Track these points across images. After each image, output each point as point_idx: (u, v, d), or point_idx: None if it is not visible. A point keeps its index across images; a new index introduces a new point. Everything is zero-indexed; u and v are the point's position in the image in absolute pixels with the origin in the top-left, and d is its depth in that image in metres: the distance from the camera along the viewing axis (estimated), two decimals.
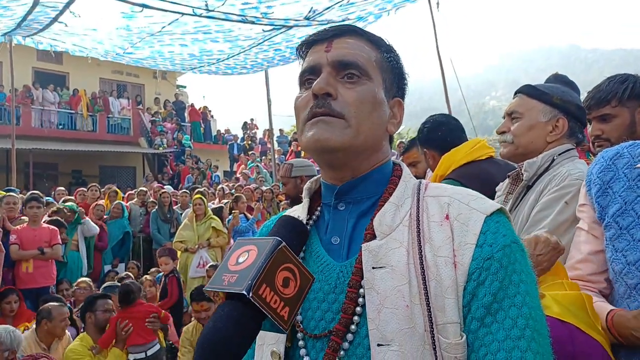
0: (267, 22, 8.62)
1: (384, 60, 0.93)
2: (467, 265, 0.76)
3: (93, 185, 8.65)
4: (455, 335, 0.74)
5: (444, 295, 0.75)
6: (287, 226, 0.79)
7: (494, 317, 0.74)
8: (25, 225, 5.63)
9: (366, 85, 0.88)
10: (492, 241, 0.77)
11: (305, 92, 0.91)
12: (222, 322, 0.65)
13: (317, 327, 0.83)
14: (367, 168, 0.91)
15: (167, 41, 9.29)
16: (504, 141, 1.90)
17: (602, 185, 1.30)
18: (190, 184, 13.90)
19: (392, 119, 0.94)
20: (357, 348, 0.79)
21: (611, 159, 1.32)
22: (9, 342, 3.42)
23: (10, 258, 5.24)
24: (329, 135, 0.84)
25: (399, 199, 0.87)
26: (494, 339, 0.73)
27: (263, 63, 11.16)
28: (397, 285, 0.78)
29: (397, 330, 0.75)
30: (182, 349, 4.34)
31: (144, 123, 20.68)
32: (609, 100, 1.86)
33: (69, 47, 9.92)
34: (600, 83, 1.93)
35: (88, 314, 4.05)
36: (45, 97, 18.99)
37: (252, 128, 21.50)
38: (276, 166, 13.39)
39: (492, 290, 0.75)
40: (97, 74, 20.82)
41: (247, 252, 0.70)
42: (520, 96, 1.90)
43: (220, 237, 6.98)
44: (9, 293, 4.84)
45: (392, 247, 0.81)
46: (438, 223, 0.81)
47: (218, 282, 0.69)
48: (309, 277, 0.72)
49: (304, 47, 0.95)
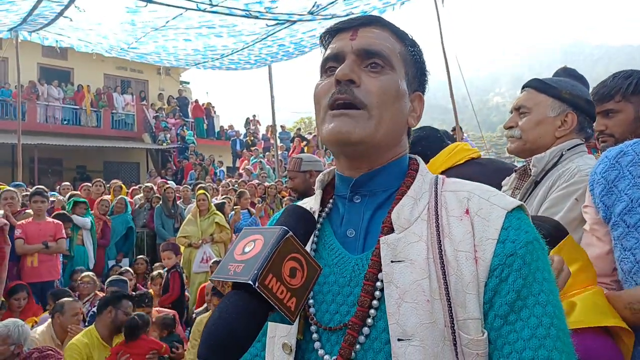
0: (271, 17, 8.60)
1: (408, 53, 0.93)
2: (488, 261, 0.75)
3: (98, 181, 8.67)
4: (477, 331, 0.73)
5: (465, 291, 0.74)
6: (294, 215, 0.77)
7: (518, 315, 0.73)
8: (30, 220, 5.65)
9: (389, 75, 0.87)
10: (515, 237, 0.76)
11: (327, 79, 0.90)
12: (228, 312, 0.64)
13: (332, 320, 0.83)
14: (385, 160, 0.90)
15: (172, 36, 9.29)
16: (512, 136, 1.86)
17: (607, 184, 1.28)
18: (193, 180, 13.92)
19: (412, 113, 0.94)
20: (374, 342, 0.78)
21: (615, 158, 1.30)
22: (15, 337, 3.43)
23: (15, 252, 5.25)
24: (350, 128, 0.83)
25: (417, 193, 0.86)
26: (518, 337, 0.72)
27: (267, 58, 11.15)
28: (417, 279, 0.77)
29: (417, 325, 0.75)
30: (192, 341, 4.25)
31: (147, 119, 20.71)
32: (612, 95, 1.85)
33: (74, 43, 9.94)
34: (606, 79, 1.92)
35: (109, 308, 3.88)
36: (50, 93, 19.05)
37: (255, 124, 21.50)
38: (279, 162, 13.39)
39: (516, 287, 0.74)
40: (102, 69, 20.85)
41: (253, 242, 0.69)
42: (528, 90, 1.86)
43: (224, 232, 6.99)
44: (19, 289, 4.86)
45: (410, 241, 0.80)
46: (458, 218, 0.80)
47: (224, 272, 0.68)
48: (316, 268, 0.71)
49: (328, 36, 0.95)
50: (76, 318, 4.10)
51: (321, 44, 0.97)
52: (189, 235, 6.77)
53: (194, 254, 6.65)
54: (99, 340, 3.81)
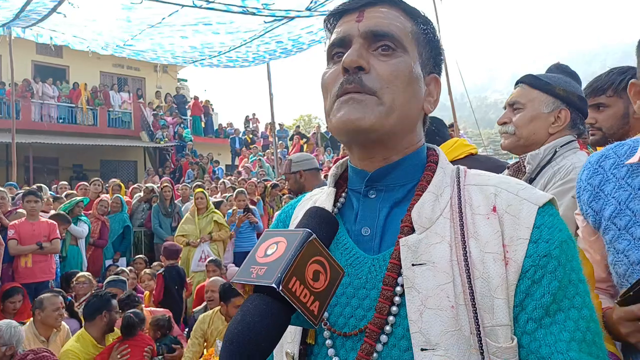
0: (269, 14, 8.54)
1: (421, 32, 0.85)
2: (520, 262, 0.70)
3: (96, 180, 8.56)
4: (506, 338, 0.68)
5: (493, 295, 0.69)
6: (316, 217, 0.74)
7: (553, 319, 0.69)
8: (24, 220, 5.59)
9: (401, 57, 0.80)
10: (549, 237, 0.71)
11: (334, 66, 0.83)
12: (251, 315, 0.62)
13: (347, 325, 0.77)
14: (400, 151, 0.84)
15: (168, 33, 9.23)
16: (506, 132, 1.87)
17: (593, 190, 1.27)
18: (191, 178, 13.85)
19: (428, 97, 0.87)
20: (392, 350, 0.73)
21: (597, 163, 1.28)
22: (7, 338, 3.38)
23: (9, 253, 5.21)
24: (359, 114, 0.77)
25: (438, 188, 0.80)
26: (557, 340, 0.68)
27: (265, 56, 11.08)
28: (440, 283, 0.71)
29: (442, 333, 0.69)
30: (193, 340, 4.18)
31: (145, 117, 20.64)
32: (605, 89, 1.90)
33: (69, 40, 9.86)
34: (601, 73, 1.98)
35: (104, 313, 3.87)
36: (45, 91, 18.94)
37: (254, 122, 21.46)
38: (278, 160, 13.34)
39: (552, 290, 0.69)
40: (98, 67, 20.75)
41: (275, 244, 0.67)
42: (522, 86, 1.87)
43: (223, 230, 6.95)
44: (15, 292, 4.82)
45: (432, 242, 0.75)
46: (484, 216, 0.75)
47: (246, 274, 0.66)
48: (339, 271, 0.68)
49: (332, 19, 0.87)
50: (57, 313, 4.03)
51: (326, 28, 0.90)
52: (187, 234, 6.74)
53: (192, 253, 6.61)
54: (93, 343, 3.81)
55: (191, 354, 4.11)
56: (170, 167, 16.85)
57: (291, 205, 1.00)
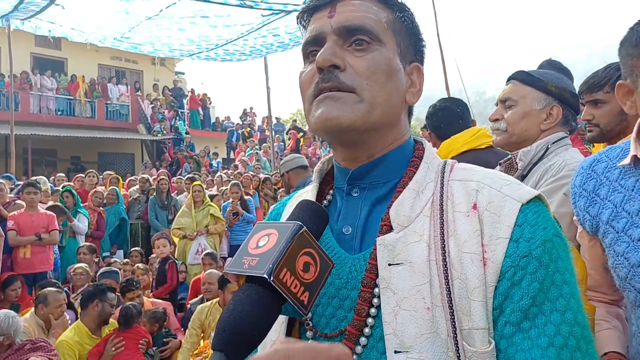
0: (266, 7, 8.54)
1: (397, 20, 0.82)
2: (499, 263, 0.67)
3: (90, 172, 8.58)
4: (483, 342, 0.66)
5: (470, 298, 0.67)
6: (307, 210, 0.74)
7: (533, 322, 0.66)
8: (23, 211, 5.63)
9: (378, 51, 0.77)
10: (530, 235, 0.68)
11: (310, 65, 0.80)
12: (243, 305, 0.63)
13: (328, 326, 0.77)
14: (385, 147, 0.81)
15: (166, 25, 9.22)
16: (497, 129, 1.86)
17: (588, 195, 1.26)
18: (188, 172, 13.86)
19: (410, 88, 0.83)
20: (370, 351, 0.72)
21: (589, 167, 1.28)
22: (5, 327, 3.40)
23: (8, 244, 5.25)
24: (338, 112, 0.75)
25: (420, 184, 0.77)
26: (534, 345, 0.65)
27: (262, 49, 11.07)
28: (417, 284, 0.69)
29: (416, 335, 0.67)
30: (191, 330, 4.21)
31: (142, 109, 20.60)
32: (602, 85, 1.87)
33: (67, 32, 9.84)
34: (598, 69, 1.95)
35: (96, 302, 3.89)
36: (43, 83, 18.89)
37: (251, 116, 21.44)
38: (275, 154, 13.36)
39: (531, 292, 0.66)
40: (96, 59, 20.69)
41: (267, 236, 0.69)
42: (514, 82, 1.85)
43: (219, 224, 6.97)
44: (14, 280, 4.89)
45: (410, 241, 0.72)
46: (464, 213, 0.72)
47: (238, 265, 0.67)
48: (328, 263, 0.70)
49: (306, 15, 0.84)
50: (60, 309, 4.08)
51: (300, 25, 0.86)
52: (183, 227, 6.74)
53: (189, 246, 6.63)
54: (88, 334, 3.84)
55: (189, 344, 4.16)
56: (167, 160, 16.86)
57: (282, 203, 0.99)
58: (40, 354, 3.46)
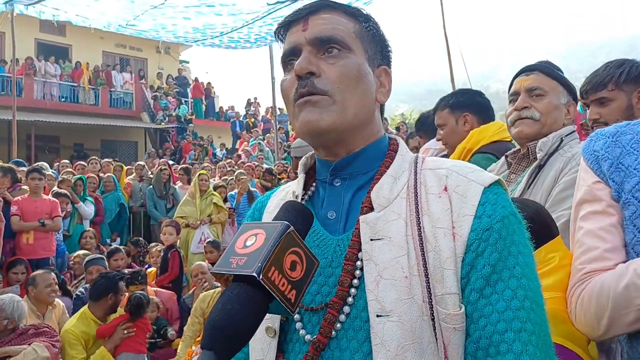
0: None
1: (364, 30, 0.92)
2: (465, 237, 0.77)
3: (93, 159, 8.59)
4: (454, 306, 0.75)
5: (443, 267, 0.76)
6: (293, 211, 0.78)
7: (493, 288, 0.75)
8: (27, 196, 5.64)
9: (348, 58, 0.88)
10: (491, 212, 0.78)
11: (289, 74, 0.90)
12: (231, 303, 0.65)
13: (313, 301, 0.83)
14: (362, 143, 0.91)
15: (171, 14, 9.17)
16: (529, 117, 1.81)
17: (614, 160, 1.20)
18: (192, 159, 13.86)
19: (380, 89, 0.94)
20: (354, 320, 0.79)
21: (613, 136, 1.24)
22: (9, 311, 3.44)
23: (11, 229, 5.27)
24: (317, 116, 0.84)
25: (396, 172, 0.88)
26: (493, 310, 0.73)
27: (267, 37, 11.02)
28: (396, 256, 0.78)
29: (396, 301, 0.76)
30: (193, 319, 4.24)
31: (146, 97, 20.57)
32: (605, 84, 1.88)
33: (72, 18, 9.80)
34: (598, 68, 1.95)
35: (110, 295, 3.88)
36: (47, 70, 18.84)
37: (255, 106, 21.39)
38: (278, 144, 13.35)
39: (491, 261, 0.75)
40: (100, 47, 20.64)
41: (254, 236, 0.71)
42: (537, 74, 1.84)
43: (222, 213, 6.98)
44: (17, 263, 4.94)
45: (390, 219, 0.82)
46: (437, 195, 0.82)
47: (226, 265, 0.69)
48: (314, 261, 0.73)
49: (282, 30, 0.94)
50: (50, 289, 4.09)
51: (277, 39, 0.97)
52: (186, 216, 6.73)
53: (192, 235, 6.63)
54: (96, 322, 3.83)
55: (191, 332, 4.19)
56: (171, 149, 16.85)
57: (267, 196, 1.06)
58: (43, 339, 3.50)
